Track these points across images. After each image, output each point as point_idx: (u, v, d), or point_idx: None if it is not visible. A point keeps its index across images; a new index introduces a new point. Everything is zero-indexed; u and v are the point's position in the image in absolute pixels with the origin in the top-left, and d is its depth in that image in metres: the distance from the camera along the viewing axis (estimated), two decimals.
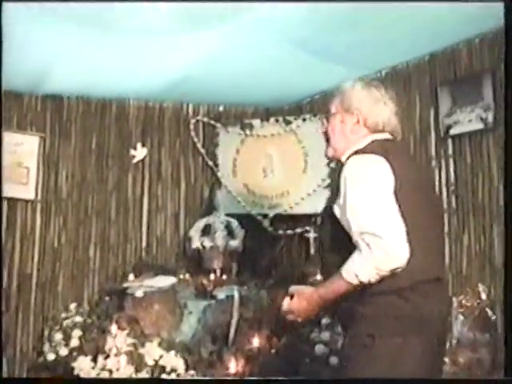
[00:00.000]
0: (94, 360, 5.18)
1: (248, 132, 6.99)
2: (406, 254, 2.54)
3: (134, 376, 4.95)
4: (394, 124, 2.97)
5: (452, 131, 5.21)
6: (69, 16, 4.12)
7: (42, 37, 4.74)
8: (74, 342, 5.47)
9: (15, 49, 4.30)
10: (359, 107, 2.94)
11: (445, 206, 5.25)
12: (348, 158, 2.86)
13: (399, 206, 2.62)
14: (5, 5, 3.42)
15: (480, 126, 4.96)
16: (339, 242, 2.77)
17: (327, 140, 3.08)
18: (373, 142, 2.89)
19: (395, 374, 2.61)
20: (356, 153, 2.83)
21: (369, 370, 2.64)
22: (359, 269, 2.59)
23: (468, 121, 5.07)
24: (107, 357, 5.13)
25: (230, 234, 6.44)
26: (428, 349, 2.69)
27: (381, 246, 2.53)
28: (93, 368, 5.12)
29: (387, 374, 2.61)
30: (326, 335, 5.10)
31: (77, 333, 5.54)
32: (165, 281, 5.92)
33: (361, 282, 2.60)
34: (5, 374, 5.63)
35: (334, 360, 4.88)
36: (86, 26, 4.55)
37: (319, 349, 5.03)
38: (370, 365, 2.65)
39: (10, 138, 6.01)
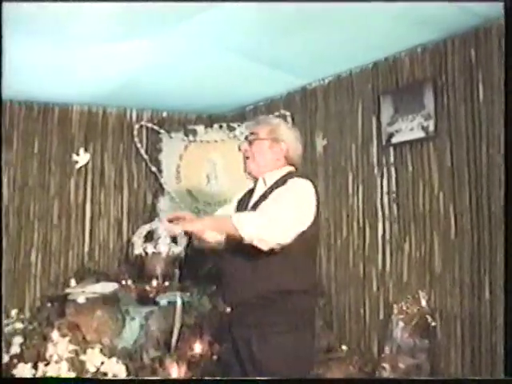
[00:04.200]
0: (35, 367, 5.12)
1: (191, 138, 7.00)
2: (283, 238, 3.13)
3: None
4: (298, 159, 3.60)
5: (394, 139, 5.28)
6: (12, 21, 4.09)
7: None
8: (15, 349, 5.40)
9: None
10: (286, 139, 3.51)
11: (386, 213, 5.33)
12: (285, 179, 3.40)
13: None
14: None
15: (421, 134, 5.05)
16: None
17: (247, 158, 3.57)
18: (288, 172, 3.49)
19: None
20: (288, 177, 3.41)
21: None
22: (247, 223, 3.11)
23: (409, 129, 5.14)
24: (48, 364, 5.08)
25: (173, 240, 6.41)
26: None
27: (271, 219, 3.11)
28: (33, 375, 5.06)
29: None
30: None
31: (17, 339, 5.47)
32: (107, 287, 5.89)
33: (240, 236, 3.10)
34: None
35: None
36: (28, 32, 4.52)
37: None
38: None
39: None
